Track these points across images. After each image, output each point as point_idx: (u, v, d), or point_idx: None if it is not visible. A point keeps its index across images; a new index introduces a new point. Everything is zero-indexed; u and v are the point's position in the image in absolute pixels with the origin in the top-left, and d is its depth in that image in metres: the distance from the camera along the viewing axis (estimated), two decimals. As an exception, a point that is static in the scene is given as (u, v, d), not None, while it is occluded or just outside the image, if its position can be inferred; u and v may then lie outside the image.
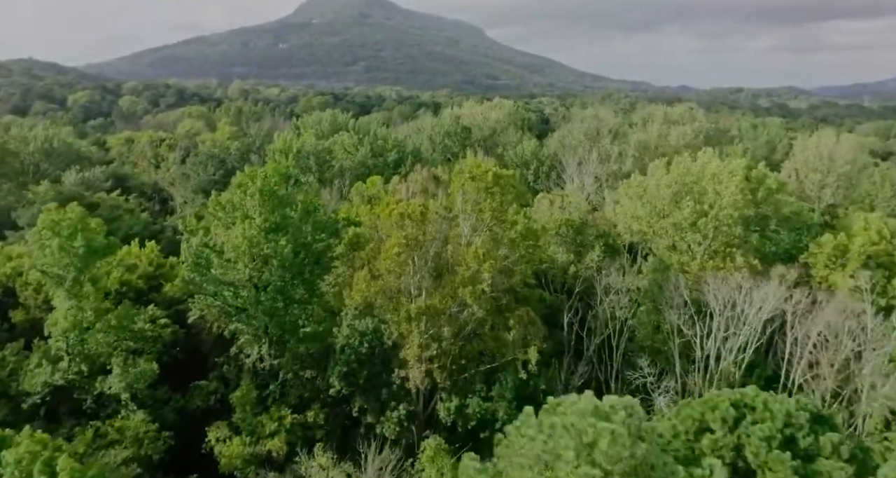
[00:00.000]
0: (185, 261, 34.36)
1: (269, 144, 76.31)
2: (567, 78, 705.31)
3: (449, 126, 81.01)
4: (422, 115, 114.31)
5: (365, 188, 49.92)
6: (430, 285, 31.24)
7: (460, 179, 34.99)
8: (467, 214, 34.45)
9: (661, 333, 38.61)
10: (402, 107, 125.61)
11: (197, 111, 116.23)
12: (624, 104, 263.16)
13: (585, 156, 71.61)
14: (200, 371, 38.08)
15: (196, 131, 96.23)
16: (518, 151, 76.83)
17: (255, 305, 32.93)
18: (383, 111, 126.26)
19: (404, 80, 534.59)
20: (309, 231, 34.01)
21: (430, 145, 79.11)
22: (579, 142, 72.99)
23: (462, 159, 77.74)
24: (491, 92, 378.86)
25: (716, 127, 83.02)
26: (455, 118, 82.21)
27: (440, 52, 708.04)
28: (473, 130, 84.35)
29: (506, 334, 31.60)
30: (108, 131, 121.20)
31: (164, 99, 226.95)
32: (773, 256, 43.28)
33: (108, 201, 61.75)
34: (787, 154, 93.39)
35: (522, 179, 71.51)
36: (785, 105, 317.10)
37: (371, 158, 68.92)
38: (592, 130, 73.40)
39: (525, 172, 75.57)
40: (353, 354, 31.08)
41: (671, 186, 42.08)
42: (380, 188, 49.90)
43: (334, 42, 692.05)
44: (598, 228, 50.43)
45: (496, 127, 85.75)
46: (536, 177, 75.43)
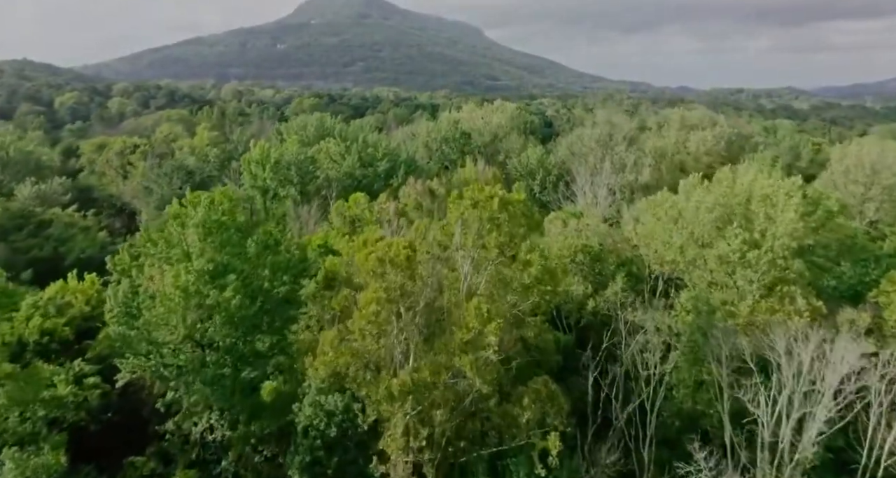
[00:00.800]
0: (111, 311, 27.05)
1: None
2: (566, 79, 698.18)
3: (447, 131, 73.67)
4: (418, 118, 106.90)
5: (346, 208, 42.54)
6: (418, 349, 23.86)
7: (459, 206, 27.53)
8: (468, 250, 27.04)
9: (706, 393, 31.28)
10: (398, 110, 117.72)
11: (177, 114, 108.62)
12: (627, 105, 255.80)
13: (598, 165, 64.33)
14: (139, 442, 30.70)
15: (175, 136, 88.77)
16: (522, 160, 69.52)
17: (195, 372, 25.57)
18: (377, 114, 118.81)
19: (403, 80, 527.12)
20: (266, 275, 26.65)
21: (426, 153, 71.72)
22: (591, 149, 65.66)
23: (461, 169, 70.51)
24: (490, 93, 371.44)
25: (738, 132, 75.68)
26: (453, 123, 74.87)
27: (439, 52, 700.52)
28: (473, 135, 77.02)
29: (517, 410, 24.23)
30: (85, 136, 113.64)
31: (154, 100, 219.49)
32: (833, 292, 35.92)
33: (62, 218, 54.39)
34: (811, 162, 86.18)
35: (528, 190, 64.26)
36: (789, 106, 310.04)
37: (359, 168, 61.57)
38: (605, 136, 66.10)
39: (530, 182, 68.28)
40: (318, 439, 23.72)
41: (713, 208, 34.69)
42: (364, 207, 42.60)
43: (332, 43, 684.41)
44: (618, 253, 43.09)
45: (497, 132, 78.39)
46: (543, 188, 68.11)
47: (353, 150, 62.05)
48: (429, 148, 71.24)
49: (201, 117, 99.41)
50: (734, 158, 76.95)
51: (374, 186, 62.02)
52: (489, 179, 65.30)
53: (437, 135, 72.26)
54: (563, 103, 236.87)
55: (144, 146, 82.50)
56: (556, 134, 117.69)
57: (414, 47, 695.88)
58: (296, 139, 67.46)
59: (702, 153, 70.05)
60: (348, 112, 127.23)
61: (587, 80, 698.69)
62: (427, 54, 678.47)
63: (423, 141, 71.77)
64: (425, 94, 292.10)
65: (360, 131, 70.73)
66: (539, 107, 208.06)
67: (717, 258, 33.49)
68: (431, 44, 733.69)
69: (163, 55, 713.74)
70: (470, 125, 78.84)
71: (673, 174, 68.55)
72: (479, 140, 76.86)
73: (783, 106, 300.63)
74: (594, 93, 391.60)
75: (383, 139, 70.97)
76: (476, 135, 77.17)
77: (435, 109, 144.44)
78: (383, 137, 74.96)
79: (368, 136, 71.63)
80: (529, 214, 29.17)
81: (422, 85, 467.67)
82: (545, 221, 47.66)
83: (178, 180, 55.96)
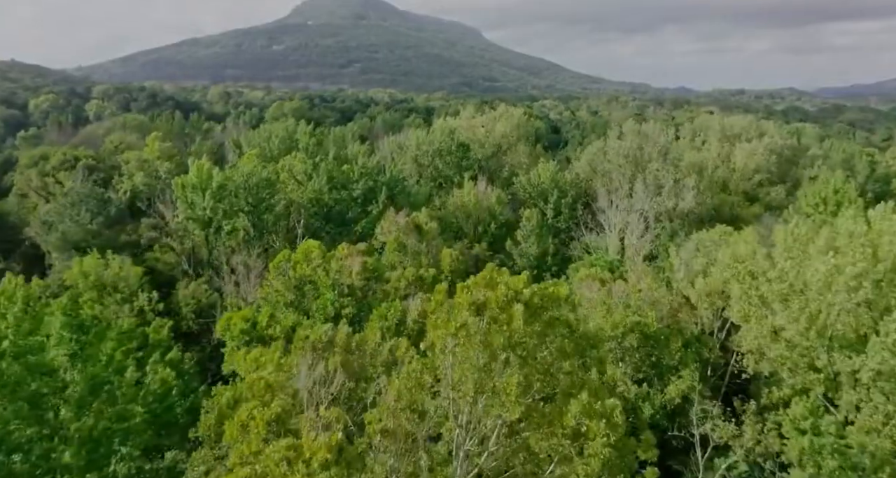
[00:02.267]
0: None
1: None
2: (565, 80, 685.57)
3: (441, 142, 60.54)
4: (411, 124, 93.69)
5: (291, 265, 29.36)
6: None
7: (447, 327, 14.25)
8: (463, 417, 13.83)
9: None
10: (387, 115, 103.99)
11: (134, 120, 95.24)
12: (632, 107, 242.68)
13: (626, 185, 51.30)
14: None
15: (126, 146, 75.52)
16: (532, 178, 56.38)
17: None
18: (366, 119, 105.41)
19: (400, 82, 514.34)
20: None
21: (416, 169, 58.60)
22: (618, 167, 52.59)
23: (458, 190, 57.45)
24: (489, 94, 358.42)
25: (791, 143, 62.59)
26: (449, 132, 61.72)
27: (437, 53, 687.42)
28: (473, 147, 63.90)
29: None
30: (39, 144, 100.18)
31: (135, 103, 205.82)
32: None
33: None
34: (868, 177, 73.08)
35: (540, 217, 51.20)
36: (798, 108, 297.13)
37: (329, 191, 48.45)
38: (635, 149, 53.01)
39: (542, 205, 55.19)
40: None
41: (857, 284, 21.61)
42: (318, 264, 29.48)
43: (329, 44, 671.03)
44: (680, 327, 30.05)
45: (501, 143, 65.26)
46: (557, 213, 55.00)
47: (322, 168, 48.93)
48: (419, 163, 58.17)
49: (160, 123, 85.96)
50: (784, 175, 64.01)
51: (349, 213, 48.97)
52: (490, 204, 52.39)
53: (429, 147, 59.15)
54: (566, 106, 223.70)
55: (87, 160, 69.30)
56: (565, 142, 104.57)
57: (411, 49, 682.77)
58: (255, 154, 54.33)
59: (751, 170, 56.99)
60: (334, 117, 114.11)
61: (586, 81, 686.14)
62: (424, 55, 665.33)
63: (412, 155, 58.60)
64: (422, 96, 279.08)
65: (333, 144, 57.57)
66: (541, 110, 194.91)
67: (876, 373, 20.39)
68: (429, 45, 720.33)
69: (157, 56, 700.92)
70: (468, 135, 65.76)
71: (716, 196, 55.59)
72: (480, 153, 63.77)
73: (792, 108, 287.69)
74: (597, 95, 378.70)
75: (362, 152, 57.88)
76: (476, 146, 64.11)
77: (430, 113, 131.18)
78: (363, 149, 61.78)
79: (343, 149, 58.61)
80: (589, 337, 15.79)
81: (419, 86, 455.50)
82: (574, 276, 34.56)
83: (87, 213, 42.81)
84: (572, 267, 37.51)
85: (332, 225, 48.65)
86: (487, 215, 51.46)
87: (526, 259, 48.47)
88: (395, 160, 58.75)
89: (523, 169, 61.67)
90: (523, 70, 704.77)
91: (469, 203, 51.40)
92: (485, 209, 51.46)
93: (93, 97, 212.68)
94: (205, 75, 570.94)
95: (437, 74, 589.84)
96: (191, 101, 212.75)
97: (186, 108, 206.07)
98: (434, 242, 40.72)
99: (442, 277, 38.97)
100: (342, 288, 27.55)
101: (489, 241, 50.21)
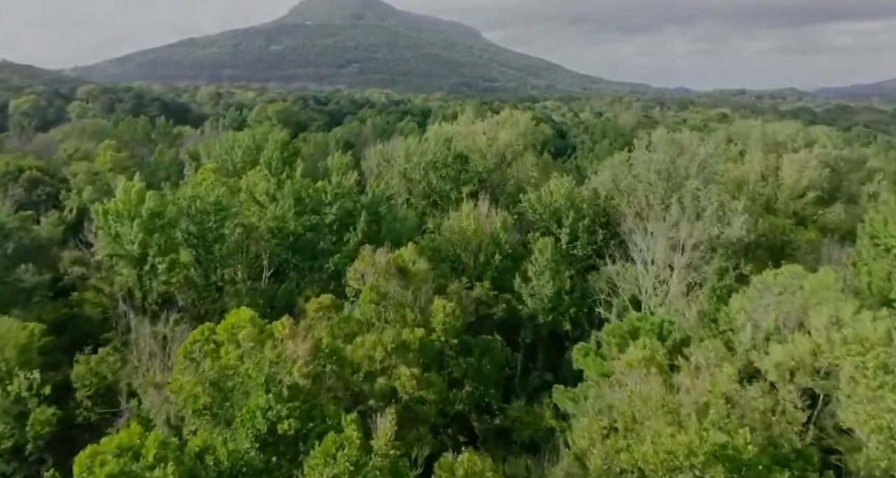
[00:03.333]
0: None
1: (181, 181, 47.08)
2: (565, 80, 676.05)
3: (436, 153, 51.02)
4: (403, 130, 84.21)
5: (205, 353, 19.76)
6: None
7: None
8: None
9: None
10: (378, 118, 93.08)
11: (93, 125, 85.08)
12: (637, 108, 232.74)
13: (658, 206, 41.96)
14: None
15: (83, 155, 66.00)
16: (543, 197, 46.89)
17: None
18: (356, 122, 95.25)
19: (398, 82, 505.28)
20: None
21: (405, 186, 49.06)
22: (649, 184, 43.13)
23: (454, 212, 47.95)
24: (488, 94, 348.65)
25: (846, 154, 53.06)
26: (445, 141, 52.18)
27: (436, 54, 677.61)
28: (473, 157, 54.42)
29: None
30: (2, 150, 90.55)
31: (121, 104, 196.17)
32: None
33: None
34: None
35: (554, 245, 41.81)
36: (808, 109, 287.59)
37: (295, 217, 38.98)
38: (667, 163, 43.48)
39: (556, 229, 45.80)
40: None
41: None
42: (253, 344, 19.95)
43: (327, 44, 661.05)
44: (772, 437, 20.64)
45: (505, 153, 55.73)
46: (573, 238, 45.61)
47: (288, 187, 39.43)
48: (408, 178, 48.62)
49: (121, 128, 75.45)
50: (834, 190, 54.54)
51: (318, 244, 39.50)
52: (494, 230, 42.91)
53: (421, 159, 49.62)
54: (569, 107, 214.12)
55: (32, 171, 60.12)
56: (573, 147, 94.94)
57: (410, 49, 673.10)
58: (212, 169, 44.92)
59: (802, 186, 47.49)
60: (322, 120, 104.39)
61: (586, 81, 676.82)
62: (423, 56, 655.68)
63: (400, 168, 48.93)
64: (420, 96, 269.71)
65: (310, 156, 48.05)
66: (543, 111, 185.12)
67: None
68: (428, 45, 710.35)
69: (154, 57, 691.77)
70: (467, 143, 56.25)
71: (763, 219, 46.04)
72: (481, 165, 54.25)
73: (800, 109, 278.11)
74: (597, 95, 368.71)
75: (340, 166, 48.45)
76: (476, 157, 54.61)
77: (426, 116, 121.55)
78: (344, 161, 52.26)
79: (324, 159, 49.19)
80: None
81: (418, 87, 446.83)
82: (609, 347, 25.19)
83: (-23, 249, 33.43)
84: (606, 332, 28.02)
85: (301, 257, 39.23)
86: (490, 244, 42.05)
87: (538, 300, 39.09)
88: (380, 175, 49.20)
89: (531, 184, 52.20)
90: (523, 70, 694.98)
91: (468, 228, 41.98)
92: (487, 236, 42.06)
93: (77, 98, 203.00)
94: (202, 76, 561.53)
95: (436, 75, 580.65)
96: (178, 102, 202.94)
97: (174, 109, 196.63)
98: (423, 289, 31.30)
99: (434, 337, 29.58)
100: (280, 389, 18.23)
101: (492, 275, 40.78)
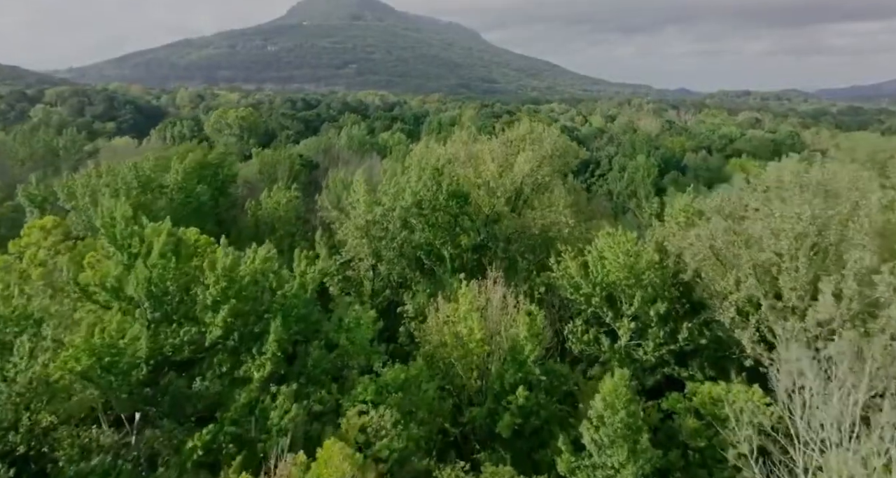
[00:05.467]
0: None
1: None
2: (566, 81, 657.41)
3: (421, 187, 32.32)
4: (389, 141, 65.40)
5: None
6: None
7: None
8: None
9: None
10: (361, 127, 72.40)
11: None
12: (648, 110, 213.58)
13: (795, 291, 23.35)
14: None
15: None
16: (593, 269, 28.23)
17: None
18: (333, 130, 75.50)
19: (396, 83, 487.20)
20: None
21: (368, 247, 30.09)
22: (789, 256, 24.42)
23: (444, 301, 27.94)
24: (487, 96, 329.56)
25: None
26: (434, 171, 33.39)
27: (434, 54, 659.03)
28: (477, 194, 35.73)
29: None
30: None
31: (90, 107, 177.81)
32: None
33: None
34: None
35: (625, 381, 23.27)
36: (826, 110, 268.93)
37: (155, 328, 20.24)
38: (808, 218, 24.81)
39: (609, 316, 27.33)
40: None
41: None
42: None
43: (324, 44, 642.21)
44: None
45: (524, 186, 36.97)
46: (642, 331, 27.09)
47: (139, 275, 20.70)
48: (371, 237, 29.60)
49: (17, 143, 57.03)
50: None
51: (195, 384, 20.68)
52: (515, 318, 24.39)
53: (394, 203, 30.84)
54: (577, 110, 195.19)
55: None
56: (595, 162, 76.11)
57: (408, 49, 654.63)
58: (45, 226, 26.28)
59: None
60: (295, 128, 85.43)
61: (587, 82, 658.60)
62: (422, 57, 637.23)
63: (358, 223, 29.58)
64: (416, 98, 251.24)
65: (218, 197, 29.29)
66: (550, 115, 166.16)
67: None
68: (426, 46, 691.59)
69: (150, 58, 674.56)
70: (467, 170, 37.52)
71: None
72: (488, 206, 35.50)
73: (818, 111, 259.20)
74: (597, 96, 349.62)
75: (273, 209, 29.68)
76: (483, 192, 35.89)
77: (420, 122, 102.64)
78: (279, 201, 33.52)
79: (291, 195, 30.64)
80: None
81: (416, 88, 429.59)
82: None
83: None
84: None
85: (161, 412, 20.55)
86: (510, 366, 23.46)
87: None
88: (329, 234, 30.33)
89: (564, 237, 33.53)
90: (522, 71, 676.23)
91: (470, 339, 23.36)
92: (504, 353, 23.50)
93: (44, 101, 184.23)
94: (197, 77, 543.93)
95: (435, 76, 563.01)
96: (153, 106, 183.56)
97: (148, 112, 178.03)
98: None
99: None
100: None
101: (512, 437, 22.13)
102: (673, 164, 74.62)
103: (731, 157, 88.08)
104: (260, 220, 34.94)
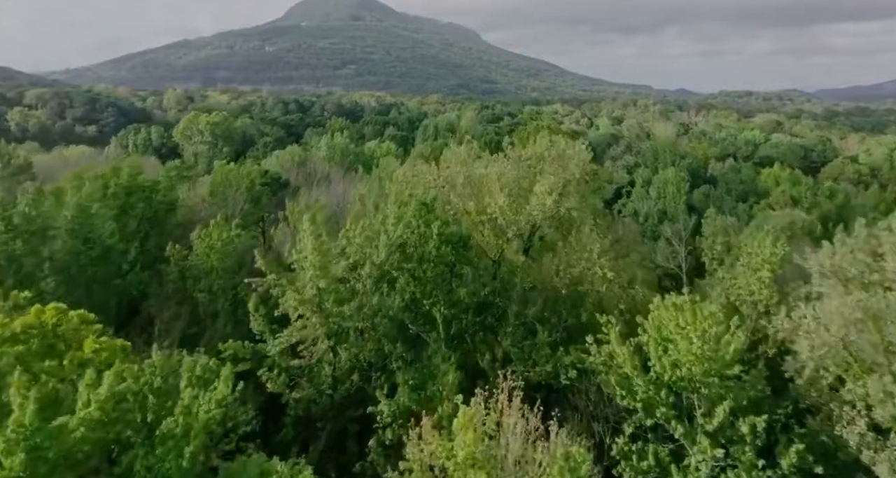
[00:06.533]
0: None
1: None
2: (565, 81, 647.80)
3: (400, 234, 22.85)
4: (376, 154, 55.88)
5: None
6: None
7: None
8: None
9: None
10: (345, 135, 62.47)
11: None
12: (654, 112, 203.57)
13: None
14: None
15: None
16: (655, 357, 18.57)
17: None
18: (315, 138, 65.99)
19: (395, 84, 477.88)
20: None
21: (321, 326, 20.43)
22: None
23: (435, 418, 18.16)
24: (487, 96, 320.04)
25: None
26: (420, 207, 23.91)
27: (433, 55, 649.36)
28: (480, 233, 26.17)
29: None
30: None
31: (71, 110, 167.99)
32: None
33: None
34: None
35: None
36: (835, 111, 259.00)
37: None
38: None
39: (689, 443, 17.47)
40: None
41: None
42: None
43: (323, 45, 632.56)
44: None
45: (542, 223, 27.41)
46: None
47: None
48: (326, 312, 19.92)
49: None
50: None
51: None
52: None
53: (364, 253, 21.29)
54: (582, 112, 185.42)
55: None
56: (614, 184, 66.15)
57: (407, 50, 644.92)
58: None
59: None
60: (276, 134, 75.80)
61: (587, 83, 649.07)
62: (421, 57, 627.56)
63: (305, 295, 19.85)
64: (414, 99, 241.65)
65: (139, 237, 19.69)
66: (555, 117, 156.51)
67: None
68: (426, 47, 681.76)
69: (148, 59, 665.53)
70: (463, 205, 27.92)
71: None
72: (495, 247, 25.90)
73: (830, 112, 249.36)
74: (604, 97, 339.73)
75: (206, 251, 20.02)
76: (488, 231, 26.30)
77: (415, 126, 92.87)
78: (218, 237, 23.94)
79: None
80: None
81: (416, 88, 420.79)
82: None
83: None
84: None
85: None
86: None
87: None
88: (273, 304, 20.61)
89: (597, 300, 23.89)
90: (522, 72, 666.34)
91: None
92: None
93: (24, 103, 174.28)
94: (196, 78, 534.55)
95: (434, 76, 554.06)
96: (138, 108, 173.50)
97: (132, 115, 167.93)
98: None
99: None
100: None
101: None
102: (701, 176, 64.90)
103: (759, 165, 78.17)
104: (187, 273, 25.28)
